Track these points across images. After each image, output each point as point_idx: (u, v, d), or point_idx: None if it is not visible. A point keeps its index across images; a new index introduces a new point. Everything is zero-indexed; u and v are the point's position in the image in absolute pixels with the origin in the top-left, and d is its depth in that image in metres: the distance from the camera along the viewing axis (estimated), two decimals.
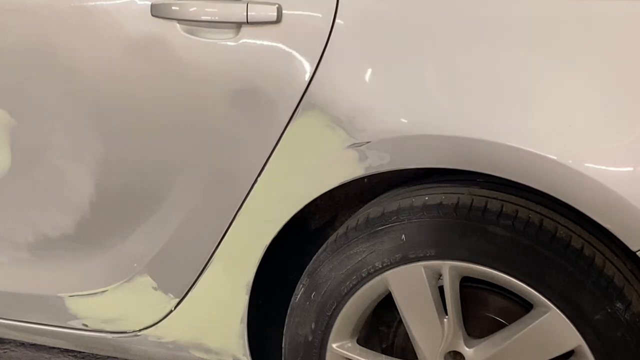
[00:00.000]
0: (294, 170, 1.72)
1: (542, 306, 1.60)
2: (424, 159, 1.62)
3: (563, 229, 1.59)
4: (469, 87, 1.56)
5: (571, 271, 1.56)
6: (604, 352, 1.57)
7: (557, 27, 1.53)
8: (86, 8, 1.77)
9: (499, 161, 1.55)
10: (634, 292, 1.58)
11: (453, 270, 1.65)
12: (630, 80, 1.49)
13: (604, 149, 1.49)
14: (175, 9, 1.70)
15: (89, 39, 1.78)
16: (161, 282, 1.92)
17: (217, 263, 1.85)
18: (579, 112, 1.51)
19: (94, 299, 2.00)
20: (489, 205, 1.61)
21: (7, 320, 2.13)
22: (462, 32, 1.57)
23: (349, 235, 1.73)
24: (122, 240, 1.93)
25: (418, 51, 1.59)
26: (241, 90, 1.70)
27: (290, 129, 1.68)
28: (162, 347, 2.00)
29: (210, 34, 1.70)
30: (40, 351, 2.58)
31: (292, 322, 1.83)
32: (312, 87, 1.65)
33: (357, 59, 1.62)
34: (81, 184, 1.89)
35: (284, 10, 1.65)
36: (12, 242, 2.03)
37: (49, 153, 1.89)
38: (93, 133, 1.84)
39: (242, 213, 1.78)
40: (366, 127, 1.62)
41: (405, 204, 1.67)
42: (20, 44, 1.84)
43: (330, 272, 1.74)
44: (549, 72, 1.52)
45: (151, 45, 1.74)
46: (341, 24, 1.63)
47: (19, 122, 1.90)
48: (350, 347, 1.80)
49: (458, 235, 1.62)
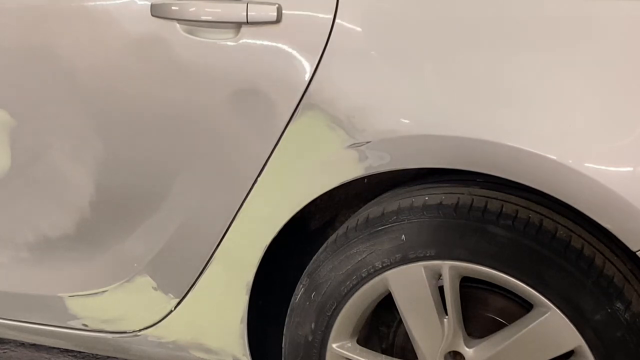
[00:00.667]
0: (294, 170, 1.72)
1: (542, 306, 1.60)
2: (424, 159, 1.62)
3: (563, 229, 1.59)
4: (469, 87, 1.56)
5: (571, 271, 1.56)
6: (604, 352, 1.57)
7: (557, 27, 1.53)
8: (86, 8, 1.78)
9: (499, 161, 1.55)
10: (634, 292, 1.58)
11: (453, 270, 1.65)
12: (630, 80, 1.49)
13: (604, 149, 1.49)
14: (175, 9, 1.70)
15: (89, 39, 1.78)
16: (161, 282, 1.92)
17: (217, 263, 1.85)
18: (579, 112, 1.51)
19: (94, 299, 2.00)
20: (489, 205, 1.61)
21: (7, 320, 2.13)
22: (463, 33, 1.57)
23: (349, 235, 1.73)
24: (122, 240, 1.93)
25: (418, 51, 1.60)
26: (241, 91, 1.70)
27: (290, 129, 1.68)
28: (162, 347, 2.00)
29: (210, 34, 1.70)
30: (40, 351, 2.58)
31: (292, 322, 1.83)
32: (312, 87, 1.65)
33: (357, 59, 1.62)
34: (81, 184, 1.89)
35: (284, 10, 1.65)
36: (12, 242, 2.03)
37: (49, 153, 1.89)
38: (93, 133, 1.84)
39: (242, 213, 1.78)
40: (366, 127, 1.62)
41: (405, 204, 1.67)
42: (20, 44, 1.84)
43: (330, 272, 1.74)
44: (549, 72, 1.52)
45: (151, 45, 1.74)
46: (341, 24, 1.63)
47: (19, 122, 1.90)
48: (350, 347, 1.80)
49: (458, 235, 1.62)
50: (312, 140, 1.67)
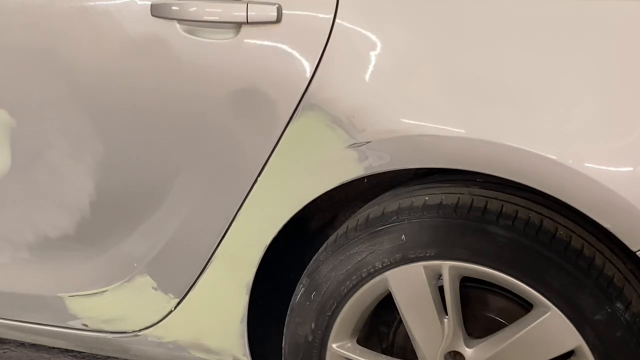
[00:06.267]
0: (294, 170, 1.72)
1: (542, 306, 1.60)
2: (424, 159, 1.62)
3: (563, 229, 1.59)
4: (469, 87, 1.56)
5: (571, 271, 1.56)
6: (604, 352, 1.57)
7: (557, 27, 1.53)
8: (86, 8, 1.78)
9: (499, 161, 1.55)
10: (634, 292, 1.58)
11: (453, 270, 1.65)
12: (630, 80, 1.49)
13: (603, 149, 1.49)
14: (175, 9, 1.70)
15: (89, 39, 1.78)
16: (161, 282, 1.92)
17: (217, 263, 1.85)
18: (579, 112, 1.51)
19: (94, 299, 2.00)
20: (489, 205, 1.61)
21: (7, 320, 2.13)
22: (463, 33, 1.57)
23: (349, 235, 1.73)
24: (122, 240, 1.93)
25: (418, 51, 1.60)
26: (241, 91, 1.70)
27: (290, 129, 1.68)
28: (162, 347, 2.00)
29: (210, 34, 1.70)
30: (40, 351, 2.58)
31: (292, 322, 1.83)
32: (312, 87, 1.65)
33: (357, 59, 1.62)
34: (81, 184, 1.89)
35: (284, 10, 1.65)
36: (12, 242, 2.03)
37: (49, 153, 1.89)
38: (93, 133, 1.84)
39: (242, 213, 1.78)
40: (366, 127, 1.62)
41: (405, 204, 1.67)
42: (21, 43, 1.84)
43: (330, 272, 1.74)
44: (549, 72, 1.52)
45: (151, 45, 1.74)
46: (341, 24, 1.63)
47: (19, 122, 1.90)
48: (350, 347, 1.80)
49: (458, 235, 1.62)
50: (312, 140, 1.67)
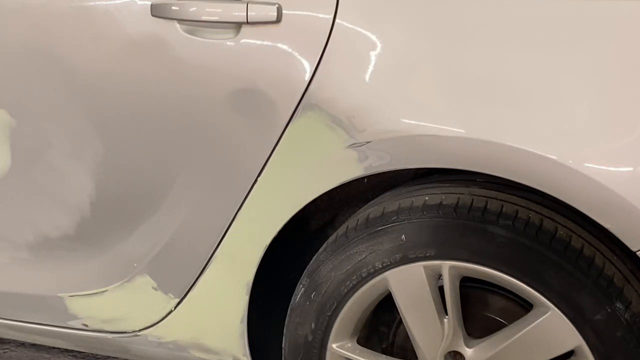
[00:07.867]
0: (294, 170, 1.72)
1: (542, 306, 1.60)
2: (424, 159, 1.62)
3: (563, 229, 1.59)
4: (469, 87, 1.56)
5: (571, 271, 1.56)
6: (604, 352, 1.57)
7: (557, 27, 1.53)
8: (86, 8, 1.78)
9: (499, 161, 1.55)
10: (634, 292, 1.58)
11: (453, 270, 1.65)
12: (630, 80, 1.49)
13: (603, 149, 1.49)
14: (175, 9, 1.70)
15: (89, 39, 1.78)
16: (161, 282, 1.92)
17: (217, 263, 1.85)
18: (579, 112, 1.51)
19: (94, 299, 2.00)
20: (489, 205, 1.61)
21: (7, 320, 2.13)
22: (463, 33, 1.57)
23: (349, 235, 1.73)
24: (122, 240, 1.93)
25: (418, 51, 1.60)
26: (241, 90, 1.70)
27: (290, 129, 1.68)
28: (162, 347, 2.00)
29: (210, 34, 1.70)
30: (40, 351, 2.58)
31: (292, 322, 1.83)
32: (312, 87, 1.65)
33: (357, 59, 1.62)
34: (81, 184, 1.89)
35: (284, 10, 1.65)
36: (12, 242, 2.03)
37: (49, 153, 1.89)
38: (93, 133, 1.84)
39: (242, 213, 1.78)
40: (366, 127, 1.62)
41: (405, 204, 1.67)
42: (21, 43, 1.84)
43: (330, 272, 1.74)
44: (549, 72, 1.52)
45: (151, 45, 1.74)
46: (341, 24, 1.63)
47: (19, 122, 1.90)
48: (350, 347, 1.80)
49: (458, 235, 1.62)
50: (312, 140, 1.67)
